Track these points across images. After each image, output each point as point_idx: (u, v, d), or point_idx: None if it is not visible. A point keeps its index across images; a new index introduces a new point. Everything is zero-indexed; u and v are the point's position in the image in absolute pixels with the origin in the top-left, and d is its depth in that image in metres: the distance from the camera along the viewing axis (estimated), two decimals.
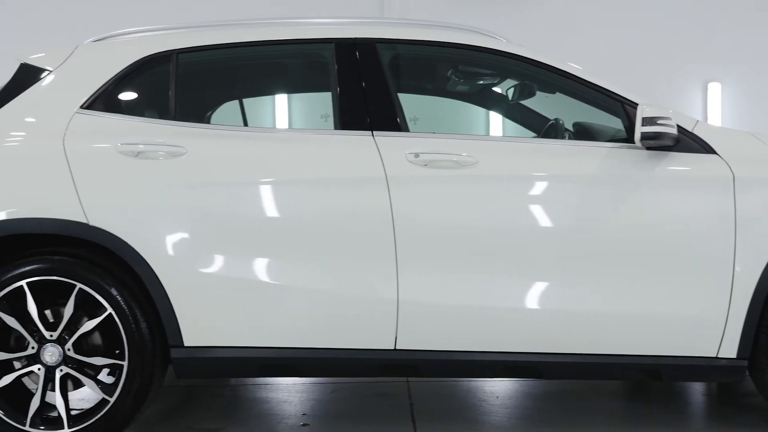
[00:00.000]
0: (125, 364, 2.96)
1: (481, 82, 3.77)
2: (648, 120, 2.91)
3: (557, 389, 3.89)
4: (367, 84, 3.11)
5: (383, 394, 3.81)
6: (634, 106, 3.05)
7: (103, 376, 3.08)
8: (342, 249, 2.95)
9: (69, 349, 2.98)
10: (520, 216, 2.97)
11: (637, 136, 2.94)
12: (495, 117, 6.09)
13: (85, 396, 3.33)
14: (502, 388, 3.92)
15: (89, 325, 2.97)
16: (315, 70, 3.75)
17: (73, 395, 3.13)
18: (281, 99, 6.79)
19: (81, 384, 3.04)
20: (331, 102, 3.18)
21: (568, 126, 3.50)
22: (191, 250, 2.95)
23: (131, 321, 2.95)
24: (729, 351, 2.94)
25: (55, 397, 2.98)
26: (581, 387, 3.90)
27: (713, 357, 2.96)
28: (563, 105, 3.41)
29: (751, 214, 2.92)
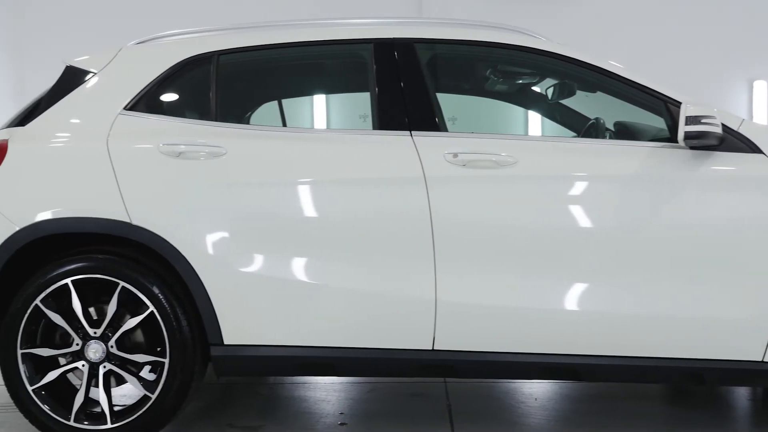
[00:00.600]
0: (166, 361, 3.00)
1: (521, 81, 3.75)
2: (692, 119, 2.85)
3: (596, 392, 3.84)
4: (406, 84, 3.11)
5: (420, 394, 3.80)
6: (677, 104, 2.99)
7: (145, 372, 3.13)
8: (380, 249, 2.95)
9: (112, 346, 3.03)
10: (559, 216, 2.94)
11: (681, 135, 2.88)
12: (534, 117, 6.05)
13: (127, 392, 3.38)
14: (540, 390, 3.88)
15: (132, 323, 3.02)
16: (354, 70, 3.76)
17: (116, 391, 3.19)
18: (320, 99, 6.84)
19: (123, 380, 3.10)
20: (370, 102, 3.18)
21: (608, 125, 3.45)
22: (231, 249, 2.98)
23: (172, 319, 2.99)
24: None
25: (99, 393, 3.04)
26: (621, 390, 3.84)
27: (759, 361, 2.90)
28: (602, 104, 3.36)
29: None
